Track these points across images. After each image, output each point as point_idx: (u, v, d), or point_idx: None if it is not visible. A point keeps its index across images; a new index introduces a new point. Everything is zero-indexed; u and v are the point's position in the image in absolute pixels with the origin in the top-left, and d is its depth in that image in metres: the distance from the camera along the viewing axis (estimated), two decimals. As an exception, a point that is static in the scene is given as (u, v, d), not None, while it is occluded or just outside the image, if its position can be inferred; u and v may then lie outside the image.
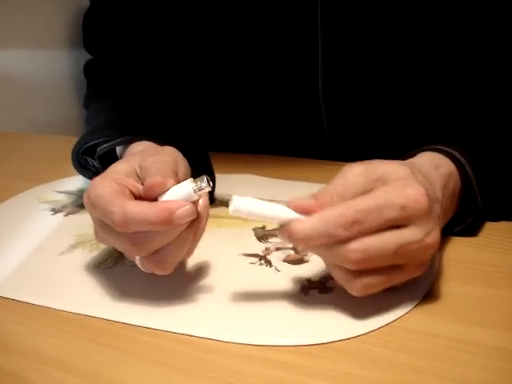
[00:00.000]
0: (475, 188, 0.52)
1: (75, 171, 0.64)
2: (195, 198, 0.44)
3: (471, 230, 0.54)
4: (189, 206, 0.43)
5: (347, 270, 0.42)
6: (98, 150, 0.59)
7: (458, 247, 0.53)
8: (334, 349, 0.41)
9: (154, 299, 0.48)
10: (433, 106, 0.69)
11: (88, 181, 0.70)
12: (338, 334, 0.42)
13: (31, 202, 0.68)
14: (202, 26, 0.75)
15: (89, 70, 0.83)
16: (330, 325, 0.43)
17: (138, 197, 0.46)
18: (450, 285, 0.48)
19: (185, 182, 0.45)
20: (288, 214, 0.42)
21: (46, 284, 0.51)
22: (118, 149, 0.62)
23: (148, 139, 0.58)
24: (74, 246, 0.57)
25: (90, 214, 0.47)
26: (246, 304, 0.47)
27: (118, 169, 0.49)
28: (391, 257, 0.41)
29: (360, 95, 0.70)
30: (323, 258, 0.44)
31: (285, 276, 0.50)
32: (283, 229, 0.42)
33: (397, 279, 0.43)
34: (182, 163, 0.51)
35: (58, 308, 0.48)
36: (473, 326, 0.43)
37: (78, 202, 0.67)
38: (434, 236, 0.42)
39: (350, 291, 0.43)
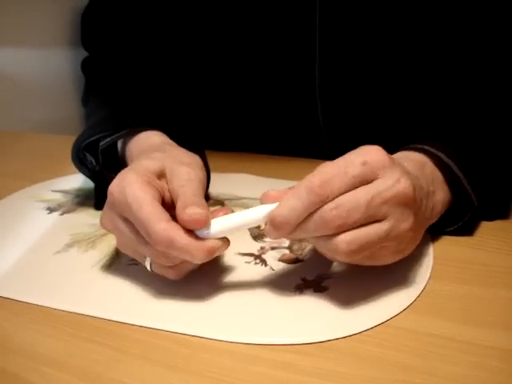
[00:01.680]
0: (467, 187, 0.52)
1: (71, 170, 0.64)
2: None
3: (467, 229, 0.54)
4: (227, 246, 0.45)
5: (328, 236, 0.42)
6: (101, 144, 0.59)
7: (453, 247, 0.53)
8: (328, 347, 0.41)
9: (149, 298, 0.48)
10: (427, 104, 0.69)
11: (84, 180, 0.70)
12: (332, 332, 0.43)
13: (27, 201, 0.68)
14: (198, 22, 0.75)
15: (87, 67, 0.83)
16: (324, 324, 0.44)
17: (165, 200, 0.47)
18: (444, 284, 0.48)
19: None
20: (266, 210, 0.43)
21: (42, 283, 0.51)
22: (119, 144, 0.62)
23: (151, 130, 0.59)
24: (69, 245, 0.57)
25: (113, 206, 0.47)
26: (240, 303, 0.47)
27: (148, 166, 0.49)
28: (366, 208, 0.42)
29: (356, 92, 0.70)
30: (308, 237, 0.44)
31: (280, 275, 0.50)
32: (266, 226, 0.43)
33: (381, 233, 0.43)
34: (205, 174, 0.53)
35: (54, 307, 0.48)
36: (466, 325, 0.43)
37: (74, 201, 0.67)
38: (405, 182, 0.43)
39: (336, 256, 0.43)
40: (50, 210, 0.66)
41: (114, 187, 0.47)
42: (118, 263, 0.53)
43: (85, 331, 0.45)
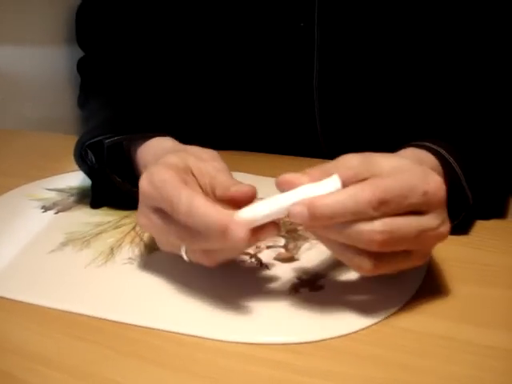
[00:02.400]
0: (465, 185, 0.51)
1: (66, 168, 0.63)
2: None
3: (462, 228, 0.54)
4: (244, 234, 0.40)
5: (360, 250, 0.41)
6: (107, 141, 0.59)
7: (449, 246, 0.52)
8: (324, 347, 0.41)
9: (144, 297, 0.48)
10: (425, 104, 0.69)
11: (79, 179, 0.70)
12: (328, 332, 0.42)
13: (21, 200, 0.68)
14: (195, 20, 0.74)
15: (83, 67, 0.83)
16: (320, 323, 0.43)
17: None
18: (441, 283, 0.48)
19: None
20: (296, 197, 0.41)
21: (37, 282, 0.51)
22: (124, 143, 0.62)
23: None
24: (64, 244, 0.57)
25: (144, 200, 0.47)
26: (236, 302, 0.47)
27: (174, 161, 0.48)
28: (411, 242, 0.41)
29: (354, 92, 0.70)
30: (336, 236, 0.42)
31: (275, 274, 0.50)
32: (299, 206, 0.40)
33: (404, 265, 0.43)
34: None
35: (48, 306, 0.48)
36: (463, 324, 0.43)
37: (69, 200, 0.67)
38: (447, 226, 0.43)
39: (357, 270, 0.43)
40: (45, 208, 0.65)
41: (144, 181, 0.46)
42: (113, 262, 0.53)
43: (79, 330, 0.45)
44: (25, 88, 1.01)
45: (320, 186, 0.41)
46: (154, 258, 0.53)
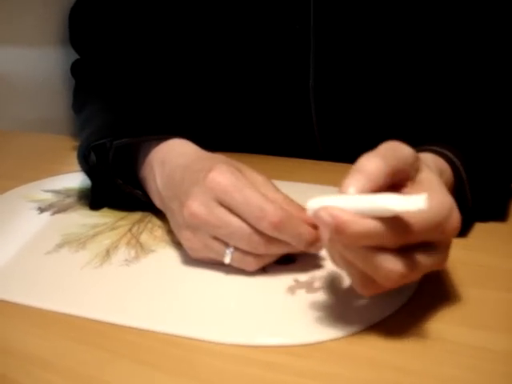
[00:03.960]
0: (466, 188, 0.51)
1: (62, 170, 0.63)
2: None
3: (462, 231, 0.54)
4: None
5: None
6: (116, 143, 0.59)
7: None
8: (321, 349, 0.41)
9: (140, 299, 0.48)
10: (424, 106, 0.69)
11: (75, 180, 0.70)
12: (325, 334, 0.42)
13: (17, 201, 0.68)
14: (191, 23, 0.74)
15: (78, 70, 0.82)
16: (316, 325, 0.43)
17: None
18: (439, 285, 0.48)
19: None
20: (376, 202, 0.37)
21: (32, 283, 0.51)
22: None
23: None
24: (60, 246, 0.57)
25: (213, 192, 0.48)
26: (232, 304, 0.47)
27: (228, 160, 0.51)
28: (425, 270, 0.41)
29: (350, 93, 0.70)
30: (356, 260, 0.40)
31: (272, 276, 0.50)
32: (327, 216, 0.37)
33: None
34: None
35: (44, 307, 0.47)
36: (460, 326, 0.43)
37: (65, 201, 0.67)
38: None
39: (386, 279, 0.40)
40: (41, 210, 0.65)
41: (215, 173, 0.48)
42: (109, 264, 0.53)
43: (74, 332, 0.44)
44: (20, 89, 1.01)
45: (403, 200, 0.37)
46: (149, 259, 0.53)
